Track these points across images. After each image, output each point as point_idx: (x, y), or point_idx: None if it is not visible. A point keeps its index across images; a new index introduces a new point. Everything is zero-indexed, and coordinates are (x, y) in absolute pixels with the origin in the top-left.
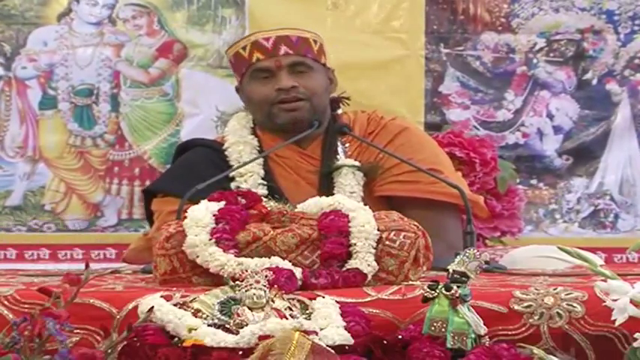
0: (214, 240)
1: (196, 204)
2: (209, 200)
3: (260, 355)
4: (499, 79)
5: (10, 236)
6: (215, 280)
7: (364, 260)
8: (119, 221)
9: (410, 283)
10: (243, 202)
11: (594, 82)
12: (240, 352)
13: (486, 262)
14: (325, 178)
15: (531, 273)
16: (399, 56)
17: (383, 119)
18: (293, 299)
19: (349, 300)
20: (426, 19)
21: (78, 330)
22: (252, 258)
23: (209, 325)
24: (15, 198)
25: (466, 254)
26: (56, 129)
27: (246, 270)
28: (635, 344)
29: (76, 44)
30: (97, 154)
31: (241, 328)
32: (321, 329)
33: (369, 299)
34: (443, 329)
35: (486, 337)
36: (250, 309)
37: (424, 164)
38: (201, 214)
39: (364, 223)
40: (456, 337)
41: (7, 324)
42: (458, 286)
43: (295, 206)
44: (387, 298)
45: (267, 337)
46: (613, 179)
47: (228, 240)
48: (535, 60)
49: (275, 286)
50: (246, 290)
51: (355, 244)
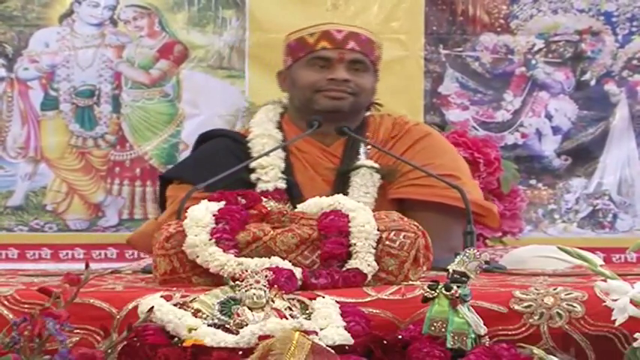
0: (214, 240)
1: (214, 193)
2: (209, 200)
3: (260, 355)
4: (498, 79)
5: (12, 236)
6: (215, 280)
7: (364, 260)
8: (120, 221)
9: (410, 283)
10: (243, 202)
11: (593, 82)
12: (240, 352)
13: (486, 262)
14: (342, 176)
15: (531, 273)
16: (398, 57)
17: (407, 124)
18: (293, 299)
19: (349, 300)
20: (426, 20)
21: (78, 330)
22: (252, 258)
23: (209, 325)
24: (17, 198)
25: (466, 254)
26: (58, 130)
27: (246, 270)
28: (635, 344)
29: (78, 45)
30: (98, 154)
31: (241, 328)
32: (321, 329)
33: (369, 299)
34: (443, 329)
35: (486, 337)
36: (250, 309)
37: (442, 170)
38: (201, 214)
39: (364, 223)
40: (456, 337)
41: (7, 324)
42: (458, 286)
43: (295, 206)
44: (387, 298)
45: (267, 337)
46: (611, 179)
47: (228, 240)
48: (534, 61)
49: (275, 286)
50: (246, 290)
51: (355, 244)
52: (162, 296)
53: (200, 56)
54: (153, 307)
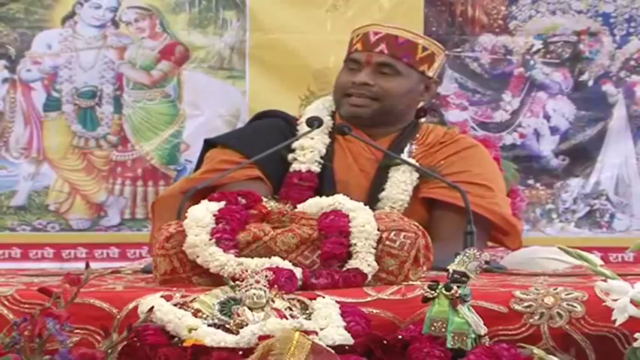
0: (214, 240)
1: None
2: (209, 200)
3: (260, 355)
4: (497, 80)
5: (15, 236)
6: (215, 280)
7: (364, 260)
8: (122, 221)
9: (410, 283)
10: (243, 202)
11: (590, 83)
12: (240, 352)
13: (486, 262)
14: (382, 170)
15: (531, 273)
16: None
17: (458, 135)
18: (293, 299)
19: (349, 300)
20: (425, 20)
21: (78, 330)
22: (253, 258)
23: (209, 325)
24: (19, 198)
25: (466, 254)
26: (60, 130)
27: (246, 270)
28: (635, 344)
29: (80, 47)
30: (100, 154)
31: (241, 328)
32: (321, 329)
33: (369, 299)
34: (443, 329)
35: (486, 337)
36: (250, 309)
37: (478, 179)
38: (202, 214)
39: (364, 223)
40: (456, 337)
41: (7, 324)
42: (458, 286)
43: (295, 206)
44: (387, 298)
45: (267, 337)
46: (609, 179)
47: (228, 240)
48: (532, 61)
49: (275, 286)
50: (246, 290)
51: (355, 244)
52: (162, 296)
53: (201, 57)
54: (153, 307)
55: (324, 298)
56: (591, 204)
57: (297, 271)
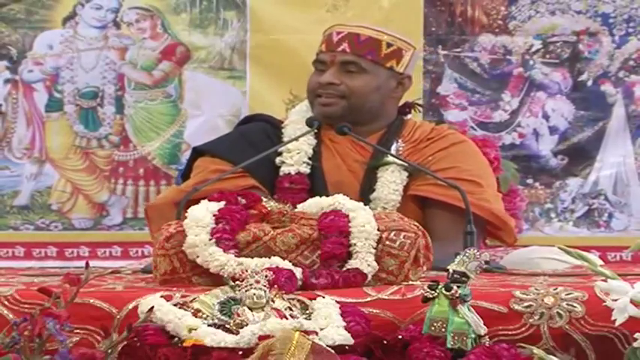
0: (214, 240)
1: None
2: (209, 200)
3: (260, 355)
4: (496, 80)
5: (18, 235)
6: (215, 280)
7: (364, 260)
8: (124, 220)
9: (410, 283)
10: (243, 202)
11: (589, 83)
12: (240, 352)
13: (486, 262)
14: (371, 171)
15: (531, 273)
16: None
17: (446, 131)
18: (293, 299)
19: (349, 300)
20: (425, 21)
21: (78, 330)
22: (252, 258)
23: (209, 325)
24: (22, 198)
25: (466, 254)
26: (62, 131)
27: (246, 270)
28: (635, 344)
29: (81, 48)
30: (102, 155)
31: (241, 328)
32: (321, 329)
33: (369, 299)
34: (443, 329)
35: (486, 337)
36: (250, 309)
37: (466, 174)
38: (201, 214)
39: (364, 223)
40: (456, 337)
41: (7, 324)
42: (458, 286)
43: (295, 206)
44: (387, 298)
45: (267, 337)
46: (607, 179)
47: (228, 240)
48: (531, 61)
49: (275, 286)
50: (246, 290)
51: (355, 244)
52: (162, 296)
53: (202, 57)
54: (153, 307)
55: (324, 298)
56: (590, 203)
57: (297, 271)
